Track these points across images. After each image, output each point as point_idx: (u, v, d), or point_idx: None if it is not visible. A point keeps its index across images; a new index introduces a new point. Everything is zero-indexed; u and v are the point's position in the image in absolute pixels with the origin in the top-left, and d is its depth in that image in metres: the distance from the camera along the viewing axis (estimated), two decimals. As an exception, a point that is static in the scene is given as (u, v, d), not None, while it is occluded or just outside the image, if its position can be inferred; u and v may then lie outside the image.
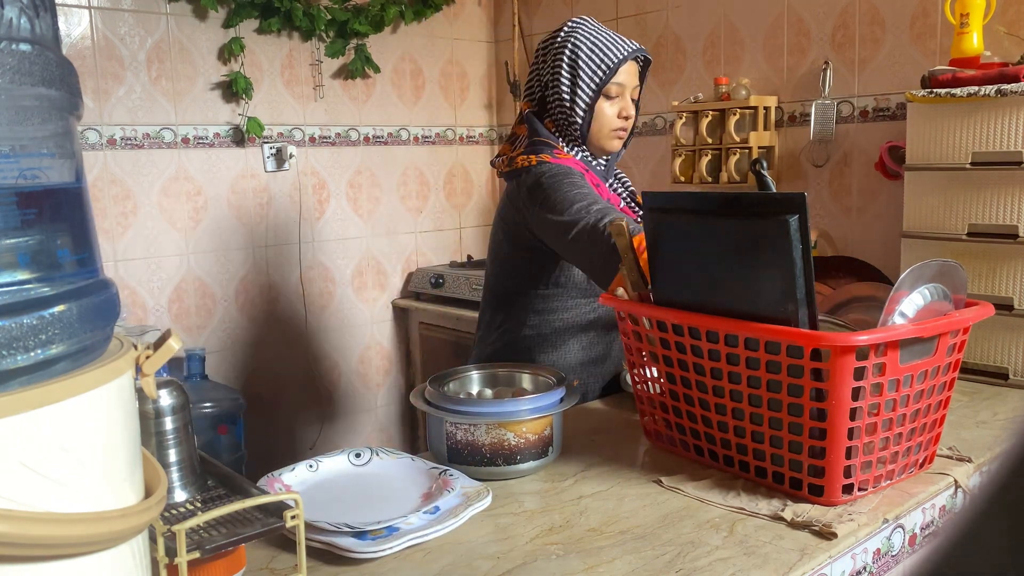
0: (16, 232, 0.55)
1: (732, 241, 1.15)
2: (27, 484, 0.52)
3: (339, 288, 3.13)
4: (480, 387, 1.43)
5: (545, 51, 1.66)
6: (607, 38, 1.61)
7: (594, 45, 1.59)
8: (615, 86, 1.60)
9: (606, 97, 1.60)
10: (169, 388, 0.93)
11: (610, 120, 1.62)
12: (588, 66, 1.58)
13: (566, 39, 1.61)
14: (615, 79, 1.60)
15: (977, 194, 1.75)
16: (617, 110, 1.62)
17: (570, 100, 1.60)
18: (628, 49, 1.60)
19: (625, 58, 1.59)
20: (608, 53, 1.58)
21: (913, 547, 1.17)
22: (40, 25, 0.57)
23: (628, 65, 1.62)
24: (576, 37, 1.60)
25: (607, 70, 1.58)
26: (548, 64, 1.64)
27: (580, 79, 1.59)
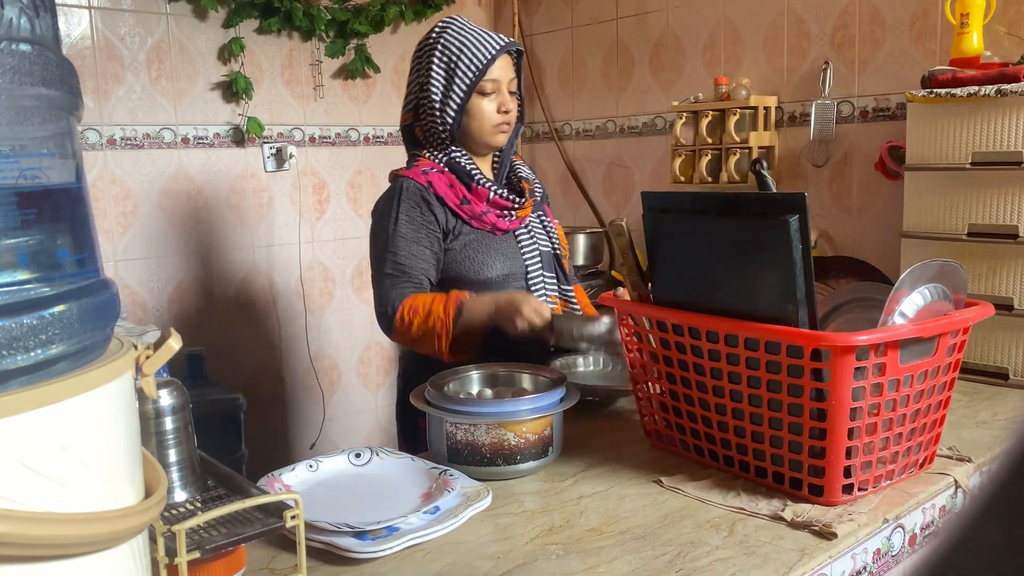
0: (16, 232, 0.55)
1: (732, 241, 1.15)
2: (27, 484, 0.52)
3: (339, 288, 3.13)
4: (480, 387, 1.43)
5: (419, 56, 1.66)
6: (475, 36, 1.61)
7: (462, 44, 1.59)
8: (489, 82, 1.61)
9: (481, 94, 1.61)
10: (169, 388, 0.93)
11: (490, 116, 1.62)
12: (459, 66, 1.59)
13: (435, 41, 1.62)
14: (488, 75, 1.60)
15: (977, 194, 1.75)
16: (496, 105, 1.62)
17: (441, 101, 1.61)
18: (497, 45, 1.60)
19: (495, 55, 1.59)
20: (478, 51, 1.59)
21: (913, 547, 1.17)
22: (40, 25, 0.57)
23: (501, 60, 1.61)
24: (444, 38, 1.61)
25: (478, 68, 1.59)
26: (421, 68, 1.65)
27: (453, 79, 1.59)
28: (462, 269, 1.62)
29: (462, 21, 1.64)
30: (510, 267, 1.64)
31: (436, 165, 1.64)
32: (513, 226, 1.67)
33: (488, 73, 1.60)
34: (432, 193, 1.61)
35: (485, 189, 1.62)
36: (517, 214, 1.66)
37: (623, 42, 3.05)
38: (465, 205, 1.62)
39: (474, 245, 1.62)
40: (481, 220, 1.62)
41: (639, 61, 3.00)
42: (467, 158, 1.65)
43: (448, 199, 1.61)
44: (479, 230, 1.63)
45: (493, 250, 1.63)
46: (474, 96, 1.61)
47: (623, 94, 3.08)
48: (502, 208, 1.64)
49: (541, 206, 1.78)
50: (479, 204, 1.62)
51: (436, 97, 1.61)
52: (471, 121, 1.63)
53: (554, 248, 1.73)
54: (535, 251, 1.68)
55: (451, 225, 1.62)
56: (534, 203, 1.73)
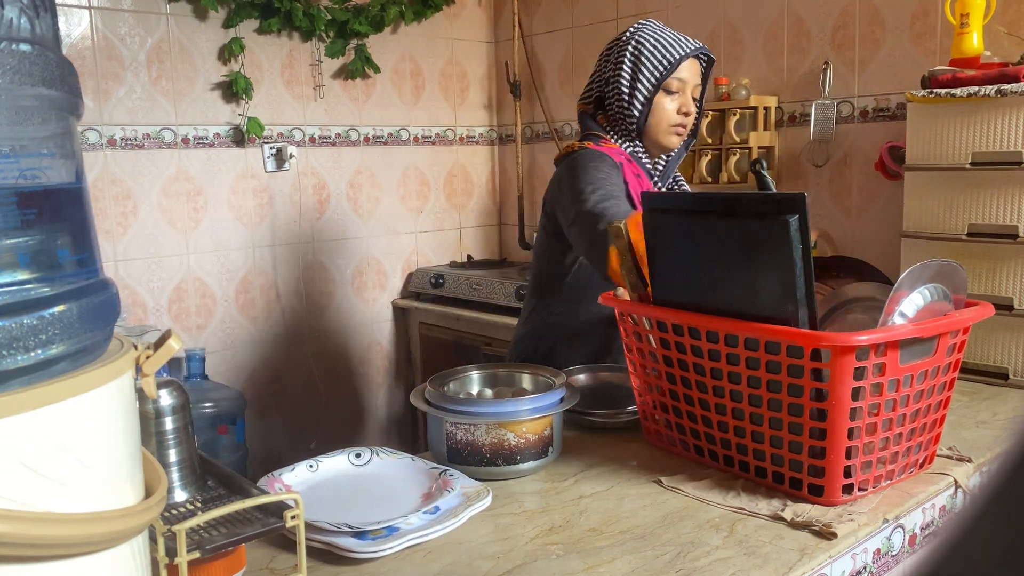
0: (16, 232, 0.55)
1: (732, 241, 1.15)
2: (27, 484, 0.52)
3: (339, 288, 3.13)
4: (480, 387, 1.43)
5: (609, 51, 1.69)
6: (670, 36, 1.64)
7: (657, 41, 1.62)
8: (676, 81, 1.62)
9: (666, 92, 1.62)
10: (169, 388, 0.93)
11: (669, 115, 1.63)
12: (650, 60, 1.61)
13: (631, 37, 1.65)
14: (676, 74, 1.61)
15: (977, 194, 1.75)
16: (677, 106, 1.63)
17: (629, 93, 1.62)
18: (691, 46, 1.63)
19: (687, 54, 1.61)
20: (670, 49, 1.61)
21: (913, 547, 1.17)
22: (40, 25, 0.57)
23: (690, 63, 1.63)
24: (640, 35, 1.63)
25: (668, 65, 1.60)
26: (611, 61, 1.67)
27: (641, 72, 1.61)
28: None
29: (658, 23, 1.67)
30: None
31: (624, 153, 1.64)
32: None
33: (676, 72, 1.61)
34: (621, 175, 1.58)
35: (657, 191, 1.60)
36: None
37: (623, 42, 3.05)
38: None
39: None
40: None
41: (639, 61, 3.00)
42: (646, 155, 1.66)
43: (631, 185, 1.59)
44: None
45: None
46: (659, 92, 1.62)
47: (623, 94, 3.07)
48: None
49: None
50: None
51: (625, 88, 1.63)
52: (651, 116, 1.63)
53: None
54: None
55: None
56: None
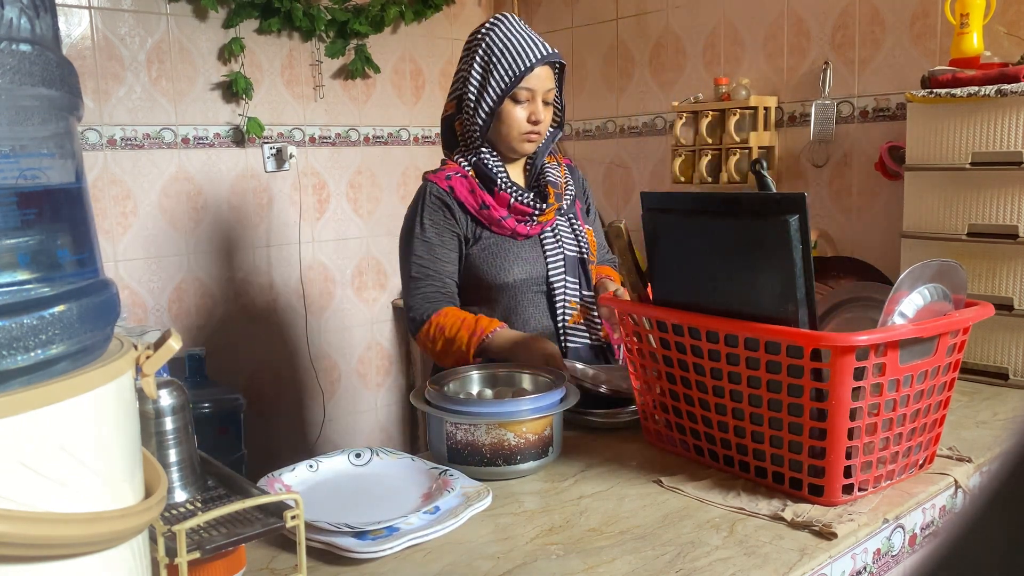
0: (16, 232, 0.55)
1: (732, 241, 1.15)
2: (27, 484, 0.52)
3: (339, 288, 3.13)
4: (480, 387, 1.43)
5: (466, 48, 1.67)
6: (520, 41, 1.60)
7: (506, 48, 1.60)
8: (524, 91, 1.60)
9: (514, 101, 1.61)
10: (169, 388, 0.93)
11: (519, 123, 1.62)
12: (497, 70, 1.59)
13: (481, 39, 1.63)
14: (524, 84, 1.59)
15: (977, 194, 1.75)
16: (527, 114, 1.62)
17: (475, 102, 1.62)
18: (539, 55, 1.60)
19: (533, 64, 1.59)
20: (518, 58, 1.59)
21: (913, 547, 1.17)
22: (40, 25, 0.57)
23: (540, 69, 1.61)
24: (490, 38, 1.61)
25: (514, 75, 1.59)
26: (465, 63, 1.66)
27: (489, 82, 1.60)
28: (482, 273, 1.63)
29: (511, 22, 1.64)
30: (529, 271, 1.64)
31: (461, 169, 1.66)
32: (535, 231, 1.66)
33: (524, 81, 1.60)
34: (453, 198, 1.63)
35: (506, 194, 1.62)
36: (539, 219, 1.65)
37: (623, 42, 3.05)
38: (484, 211, 1.62)
39: (494, 249, 1.63)
40: (500, 225, 1.63)
41: (639, 61, 3.00)
42: (496, 160, 1.66)
43: (468, 204, 1.63)
44: (499, 235, 1.64)
45: (513, 255, 1.63)
46: (507, 101, 1.61)
47: (623, 94, 3.08)
48: (523, 213, 1.64)
49: (572, 209, 1.76)
50: (499, 209, 1.63)
51: (472, 96, 1.63)
52: (500, 125, 1.63)
53: (581, 252, 1.72)
54: (559, 256, 1.67)
55: (471, 230, 1.64)
56: (563, 207, 1.72)
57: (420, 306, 1.61)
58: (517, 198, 1.63)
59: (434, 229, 1.63)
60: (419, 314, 1.61)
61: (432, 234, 1.63)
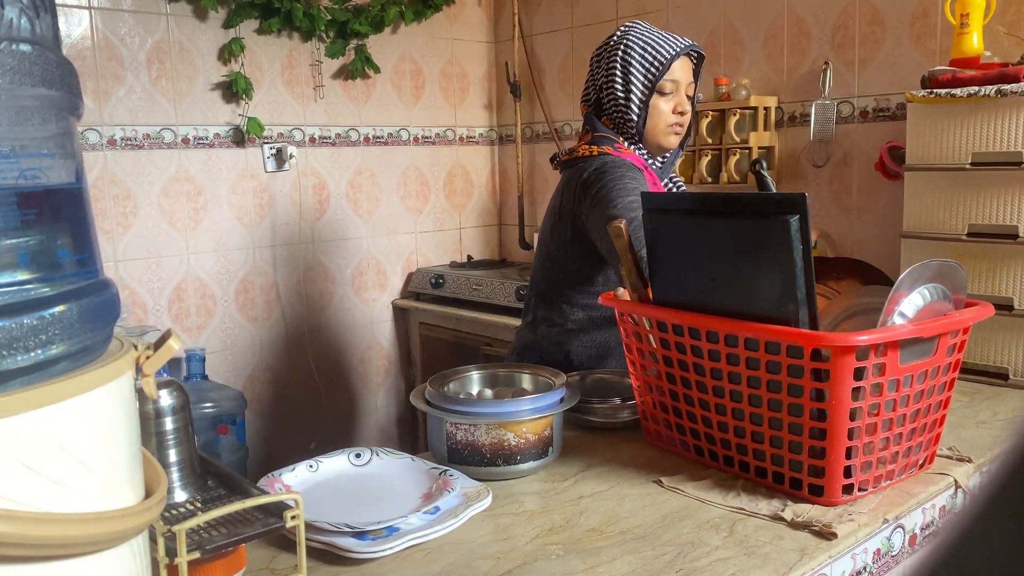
0: (16, 232, 0.55)
1: (732, 242, 1.15)
2: (27, 484, 0.52)
3: (339, 288, 3.13)
4: (480, 387, 1.43)
5: (599, 56, 1.69)
6: (659, 36, 1.64)
7: (646, 44, 1.62)
8: (669, 82, 1.63)
9: (660, 94, 1.63)
10: (169, 388, 0.93)
11: (665, 116, 1.64)
12: (641, 64, 1.61)
13: (619, 41, 1.65)
14: (668, 75, 1.62)
15: (977, 194, 1.75)
16: (672, 106, 1.64)
17: (624, 98, 1.63)
18: (679, 45, 1.63)
19: (676, 54, 1.62)
20: (660, 51, 1.61)
21: (913, 547, 1.17)
22: (40, 25, 0.57)
23: (681, 62, 1.64)
24: (629, 38, 1.64)
25: (659, 67, 1.61)
26: (602, 67, 1.67)
27: (633, 77, 1.62)
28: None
29: (645, 24, 1.67)
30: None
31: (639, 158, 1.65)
32: None
33: (668, 73, 1.62)
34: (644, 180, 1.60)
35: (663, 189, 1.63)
36: None
37: (623, 42, 3.05)
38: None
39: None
40: None
41: (639, 61, 3.00)
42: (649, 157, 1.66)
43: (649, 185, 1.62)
44: None
45: None
46: (654, 95, 1.63)
47: (623, 94, 3.07)
48: None
49: None
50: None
51: (620, 95, 1.63)
52: (648, 119, 1.64)
53: None
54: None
55: None
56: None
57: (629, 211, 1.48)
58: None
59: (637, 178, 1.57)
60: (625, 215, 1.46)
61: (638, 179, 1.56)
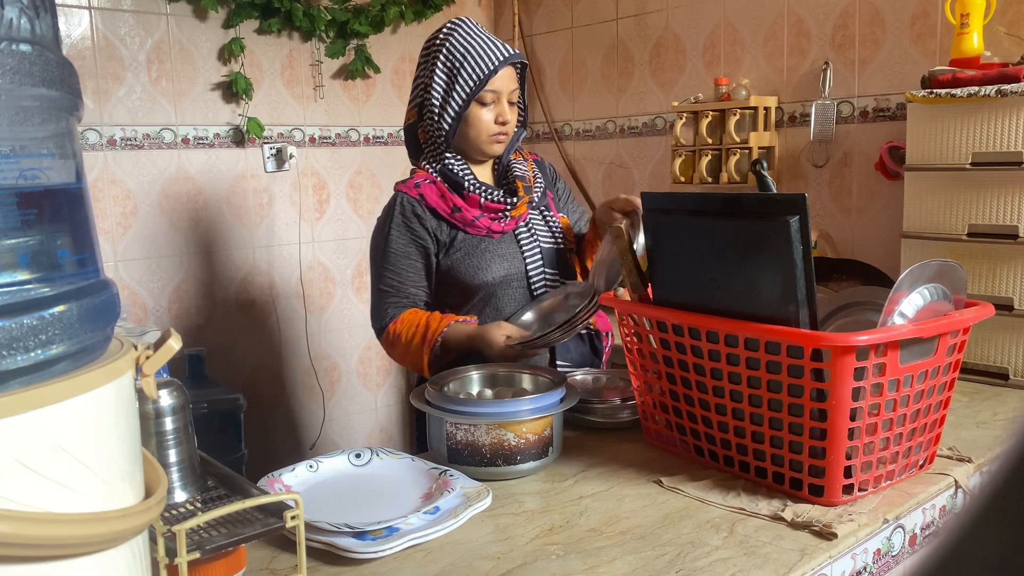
0: (16, 232, 0.55)
1: (732, 242, 1.15)
2: (27, 484, 0.52)
3: (339, 288, 3.13)
4: (480, 387, 1.43)
5: (424, 55, 1.68)
6: (481, 44, 1.61)
7: (467, 51, 1.60)
8: (489, 93, 1.61)
9: (480, 104, 1.62)
10: (169, 388, 0.93)
11: (487, 126, 1.63)
12: (461, 73, 1.60)
13: (441, 44, 1.63)
14: (489, 86, 1.60)
15: (977, 194, 1.75)
16: (494, 116, 1.63)
17: (440, 108, 1.63)
18: (500, 57, 1.61)
19: (497, 67, 1.60)
20: (481, 60, 1.60)
21: (913, 547, 1.17)
22: (40, 26, 0.57)
23: (504, 71, 1.62)
24: (450, 42, 1.62)
25: (479, 78, 1.59)
26: (426, 69, 1.67)
27: (454, 87, 1.61)
28: (461, 274, 1.64)
29: (469, 26, 1.65)
30: (508, 268, 1.65)
31: (430, 176, 1.67)
32: (510, 227, 1.67)
33: (489, 84, 1.60)
34: (424, 205, 1.64)
35: (476, 195, 1.63)
36: (511, 214, 1.67)
37: (623, 42, 3.05)
38: (457, 213, 1.64)
39: (470, 250, 1.64)
40: (475, 226, 1.64)
41: (639, 61, 3.00)
42: (461, 163, 1.67)
43: (440, 209, 1.64)
44: (475, 235, 1.65)
45: (490, 253, 1.64)
46: (473, 105, 1.62)
47: (623, 94, 3.08)
48: (495, 211, 1.65)
49: (544, 201, 1.77)
50: (471, 210, 1.64)
51: (436, 102, 1.63)
52: (468, 129, 1.64)
53: (557, 243, 1.73)
54: (536, 249, 1.69)
55: (446, 234, 1.65)
56: (535, 199, 1.73)
57: (382, 316, 1.66)
58: (487, 197, 1.64)
59: (401, 240, 1.65)
60: (380, 321, 1.66)
61: (399, 245, 1.65)
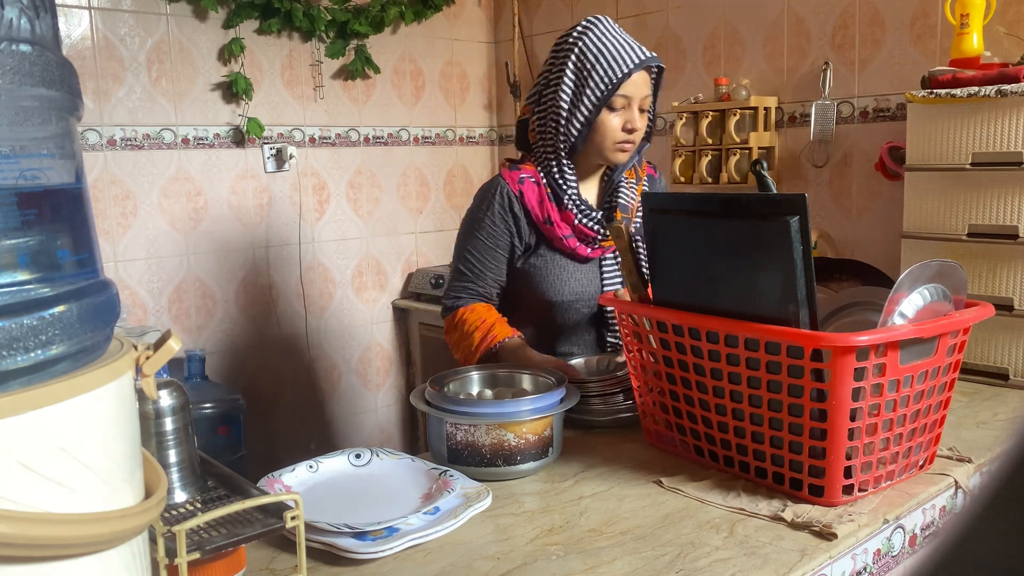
0: (16, 232, 0.55)
1: (732, 242, 1.15)
2: (27, 485, 0.52)
3: (339, 288, 3.13)
4: (480, 388, 1.43)
5: (556, 52, 1.60)
6: (617, 45, 1.52)
7: (601, 52, 1.51)
8: (620, 98, 1.52)
9: (610, 109, 1.53)
10: (169, 389, 0.93)
11: (614, 132, 1.54)
12: (592, 76, 1.51)
13: (574, 43, 1.55)
14: (621, 91, 1.51)
15: (977, 194, 1.75)
16: (622, 122, 1.54)
17: (568, 112, 1.55)
18: (636, 59, 1.51)
19: (632, 70, 1.50)
20: (615, 64, 1.50)
21: (913, 548, 1.17)
22: (40, 26, 0.57)
23: (637, 75, 1.52)
24: (584, 42, 1.53)
25: (611, 83, 1.50)
26: (555, 66, 1.58)
27: (584, 90, 1.52)
28: (534, 285, 1.61)
29: (606, 25, 1.55)
30: (581, 293, 1.60)
31: (536, 174, 1.61)
32: (596, 254, 1.61)
33: (621, 88, 1.51)
34: (521, 204, 1.59)
35: (571, 214, 1.57)
36: (602, 243, 1.61)
37: (623, 42, 3.05)
38: (548, 226, 1.58)
39: (550, 266, 1.60)
40: (562, 243, 1.59)
41: (639, 61, 3.00)
42: (571, 173, 1.59)
43: (535, 213, 1.59)
44: (559, 250, 1.60)
45: (567, 274, 1.60)
46: (603, 110, 1.53)
47: (623, 94, 3.07)
48: (585, 236, 1.59)
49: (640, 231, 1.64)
50: (563, 227, 1.58)
51: (564, 106, 1.54)
52: (593, 135, 1.55)
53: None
54: (617, 282, 1.62)
55: (532, 239, 1.61)
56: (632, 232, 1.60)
57: (456, 296, 1.64)
58: (582, 220, 1.57)
59: (493, 230, 1.61)
60: (452, 302, 1.65)
61: (489, 233, 1.61)
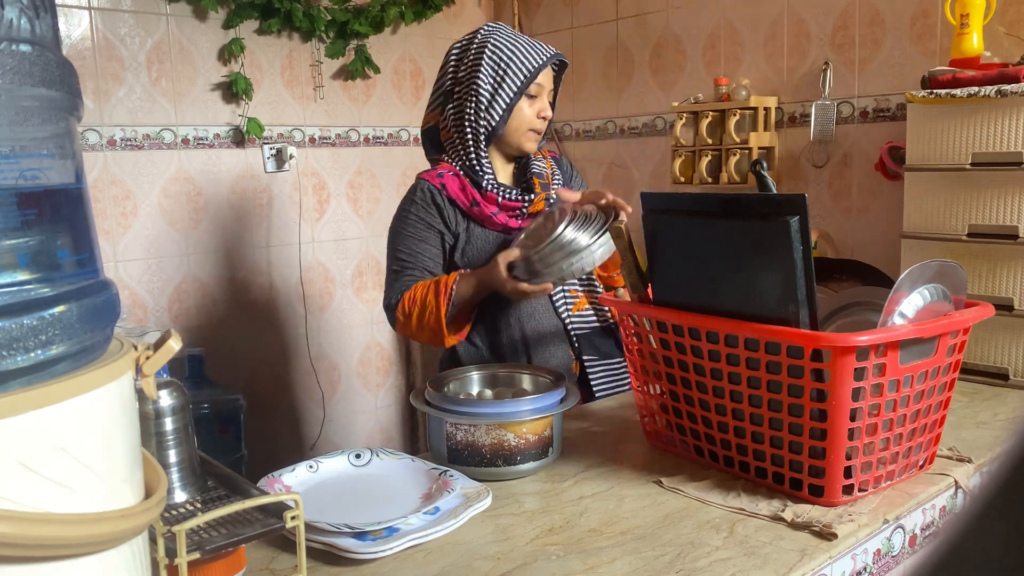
0: (16, 233, 0.55)
1: (732, 242, 1.15)
2: (27, 485, 0.52)
3: (339, 288, 3.13)
4: (480, 388, 1.43)
5: (460, 54, 1.70)
6: (526, 43, 1.67)
7: (515, 48, 1.65)
8: (536, 86, 1.66)
9: (527, 97, 1.66)
10: (169, 389, 0.93)
11: (529, 120, 1.67)
12: (511, 68, 1.64)
13: (484, 42, 1.67)
14: (537, 80, 1.65)
15: (977, 194, 1.75)
16: (536, 110, 1.68)
17: (488, 101, 1.65)
18: (548, 52, 1.67)
19: (547, 61, 1.66)
20: (530, 56, 1.65)
21: (913, 548, 1.17)
22: (40, 26, 0.57)
23: (546, 68, 1.68)
24: (495, 41, 1.66)
25: (530, 72, 1.64)
26: (465, 65, 1.68)
27: (504, 81, 1.64)
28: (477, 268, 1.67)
29: (509, 29, 1.71)
30: None
31: (452, 168, 1.70)
32: (526, 224, 1.70)
33: (537, 77, 1.65)
34: (444, 195, 1.67)
35: (494, 194, 1.67)
36: (528, 211, 1.69)
37: (623, 42, 3.05)
38: (475, 207, 1.67)
39: (486, 247, 1.68)
40: (492, 221, 1.68)
41: (639, 61, 3.00)
42: (486, 161, 1.69)
43: (459, 201, 1.67)
44: (492, 231, 1.69)
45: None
46: (522, 98, 1.66)
47: (623, 94, 3.08)
48: (513, 209, 1.68)
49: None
50: (489, 207, 1.67)
51: (485, 96, 1.65)
52: (511, 120, 1.67)
53: None
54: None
55: (463, 226, 1.69)
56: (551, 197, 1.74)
57: (396, 293, 1.67)
58: (504, 196, 1.67)
59: (419, 224, 1.68)
60: (392, 297, 1.67)
61: (416, 229, 1.68)
